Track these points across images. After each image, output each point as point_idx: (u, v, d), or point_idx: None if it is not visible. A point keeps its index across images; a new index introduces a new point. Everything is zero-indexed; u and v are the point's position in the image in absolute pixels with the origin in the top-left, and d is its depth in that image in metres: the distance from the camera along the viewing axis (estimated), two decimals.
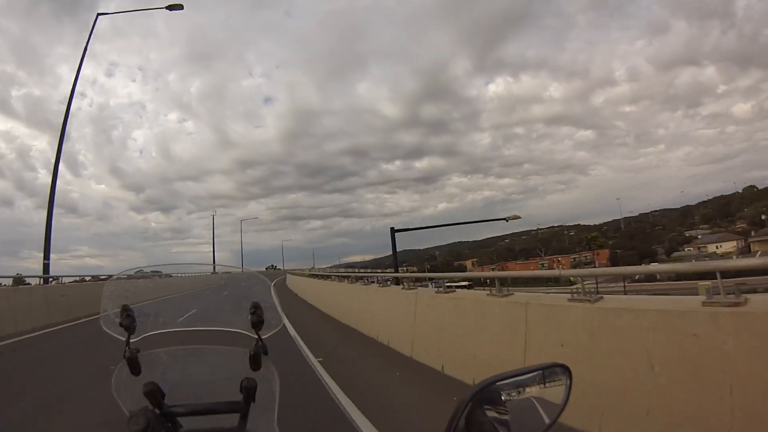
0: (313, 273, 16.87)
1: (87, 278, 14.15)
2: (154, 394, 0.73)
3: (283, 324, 0.92)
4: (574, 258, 60.70)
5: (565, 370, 0.79)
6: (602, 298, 3.14)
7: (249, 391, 0.75)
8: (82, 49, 15.38)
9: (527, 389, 0.74)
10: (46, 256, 13.09)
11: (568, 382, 0.79)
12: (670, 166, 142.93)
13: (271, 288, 1.12)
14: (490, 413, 0.68)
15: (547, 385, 0.77)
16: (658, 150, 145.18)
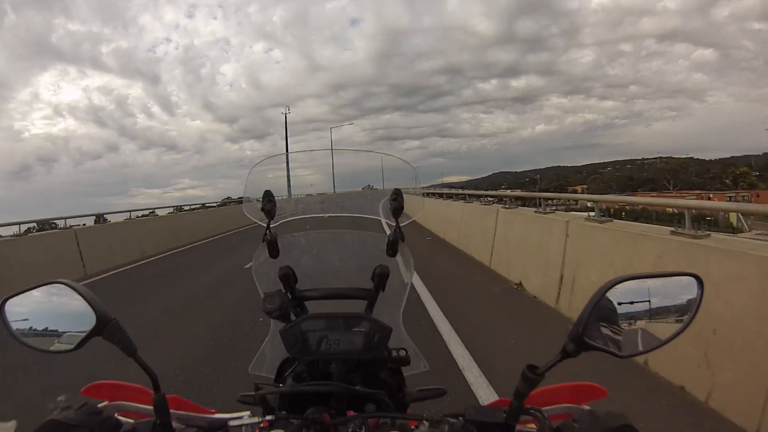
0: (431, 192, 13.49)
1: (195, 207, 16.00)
2: (288, 277, 0.76)
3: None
4: (729, 197, 48.82)
5: (699, 281, 0.67)
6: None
7: (381, 278, 0.75)
8: None
9: (652, 295, 0.64)
10: None
11: (699, 295, 0.67)
12: None
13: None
14: (598, 326, 0.60)
15: (675, 293, 0.66)
16: None
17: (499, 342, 3.50)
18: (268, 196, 0.85)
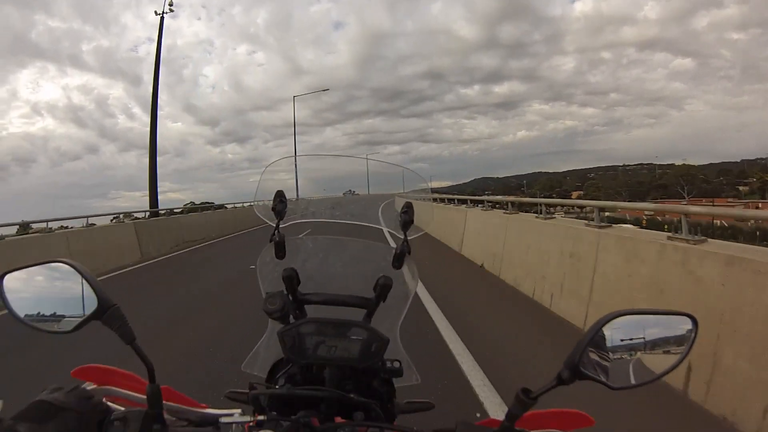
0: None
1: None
2: (292, 279, 0.76)
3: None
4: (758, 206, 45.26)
5: (693, 321, 0.69)
6: None
7: (383, 289, 0.75)
8: None
9: (648, 330, 0.65)
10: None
11: (693, 333, 0.69)
12: None
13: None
14: (593, 356, 0.62)
15: (669, 332, 0.67)
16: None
17: None
18: (279, 196, 0.85)
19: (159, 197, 17.85)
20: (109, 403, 0.62)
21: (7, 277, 0.62)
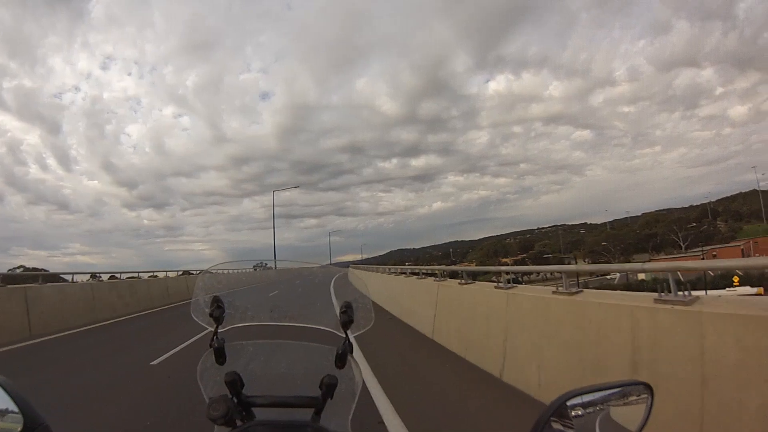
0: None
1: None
2: (235, 383, 0.75)
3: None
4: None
5: (647, 388, 0.76)
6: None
7: (329, 388, 0.75)
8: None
9: (603, 405, 0.73)
10: None
11: (650, 401, 0.76)
12: (665, 167, 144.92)
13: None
14: (556, 426, 0.67)
15: (625, 402, 0.76)
16: (655, 151, 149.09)
17: None
18: (217, 302, 0.85)
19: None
20: None
21: None
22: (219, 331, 0.83)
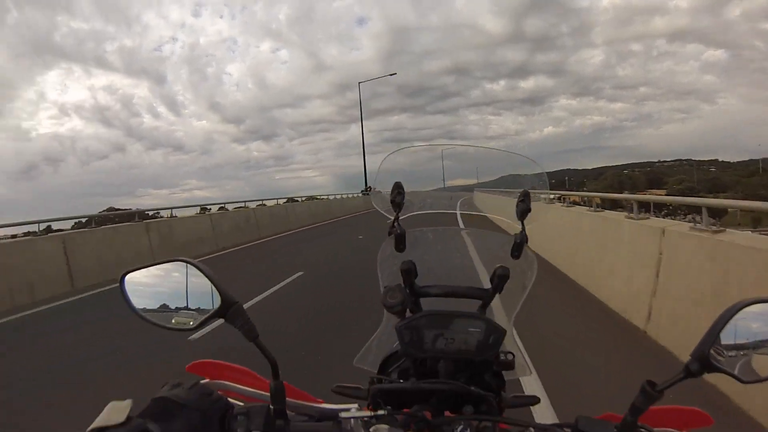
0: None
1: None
2: (410, 272, 0.75)
3: None
4: None
5: None
6: None
7: (501, 279, 0.73)
8: None
9: None
10: None
11: None
12: None
13: None
14: (730, 352, 0.58)
15: None
16: None
17: None
18: (398, 188, 0.84)
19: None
20: (230, 400, 0.63)
21: (128, 277, 0.63)
22: (400, 217, 0.82)
